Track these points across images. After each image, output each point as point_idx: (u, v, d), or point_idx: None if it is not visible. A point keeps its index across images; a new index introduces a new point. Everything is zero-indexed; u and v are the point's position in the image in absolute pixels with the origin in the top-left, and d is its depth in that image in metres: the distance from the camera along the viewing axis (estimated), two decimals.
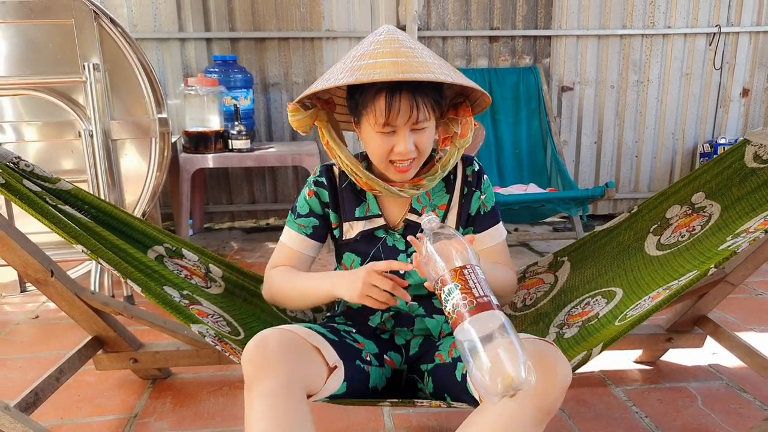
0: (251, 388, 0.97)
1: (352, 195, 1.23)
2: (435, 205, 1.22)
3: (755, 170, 1.37)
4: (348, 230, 1.23)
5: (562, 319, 1.40)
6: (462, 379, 1.14)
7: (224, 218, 3.56)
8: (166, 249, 1.45)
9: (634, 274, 1.38)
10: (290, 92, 3.39)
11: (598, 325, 1.29)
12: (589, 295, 1.42)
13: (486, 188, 1.24)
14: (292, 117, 1.12)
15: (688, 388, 1.68)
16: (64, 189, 1.36)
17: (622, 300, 1.31)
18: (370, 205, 1.22)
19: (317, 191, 1.23)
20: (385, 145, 1.09)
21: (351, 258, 1.25)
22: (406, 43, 1.07)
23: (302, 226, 1.23)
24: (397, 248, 1.23)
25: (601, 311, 1.31)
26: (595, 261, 1.54)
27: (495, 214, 1.25)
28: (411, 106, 1.03)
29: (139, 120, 2.34)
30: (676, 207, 1.48)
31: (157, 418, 1.57)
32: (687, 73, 3.58)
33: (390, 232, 1.23)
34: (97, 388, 1.75)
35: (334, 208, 1.23)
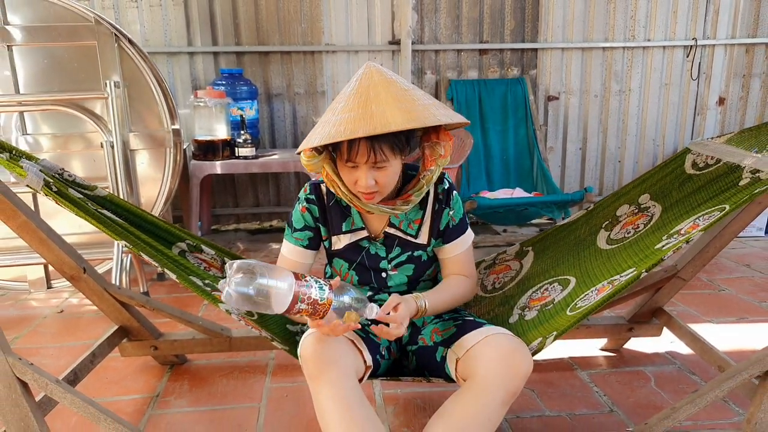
0: (318, 378, 1.20)
1: (339, 211, 1.41)
2: (410, 219, 1.40)
3: (692, 176, 1.57)
4: (336, 242, 1.43)
5: (524, 302, 1.59)
6: (441, 359, 1.36)
7: (230, 220, 3.78)
8: (188, 245, 1.67)
9: (586, 265, 1.57)
10: (292, 102, 3.61)
11: (553, 311, 1.45)
12: (547, 281, 1.61)
13: (455, 203, 1.42)
14: (307, 162, 1.26)
15: (644, 371, 1.90)
16: (101, 195, 1.58)
17: (574, 288, 1.49)
18: (355, 219, 1.41)
19: (309, 207, 1.38)
20: (350, 177, 1.24)
21: (340, 263, 1.46)
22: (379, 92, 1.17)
23: (299, 239, 1.42)
24: (379, 255, 1.43)
25: (556, 297, 1.50)
26: (555, 251, 1.73)
27: (462, 225, 1.43)
28: (368, 150, 1.17)
29: (155, 132, 2.56)
30: (626, 206, 1.69)
31: (176, 397, 1.80)
32: (666, 83, 3.79)
33: (372, 241, 1.42)
34: (122, 372, 1.97)
35: (323, 223, 1.42)
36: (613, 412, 1.67)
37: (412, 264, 1.44)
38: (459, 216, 1.43)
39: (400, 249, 1.43)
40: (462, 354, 1.29)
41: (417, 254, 1.43)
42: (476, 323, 1.37)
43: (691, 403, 1.35)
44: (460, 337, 1.33)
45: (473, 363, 1.25)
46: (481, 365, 1.23)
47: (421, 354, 1.43)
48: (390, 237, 1.42)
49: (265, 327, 1.48)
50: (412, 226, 1.42)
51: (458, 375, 1.30)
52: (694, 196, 1.53)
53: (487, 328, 1.33)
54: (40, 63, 2.49)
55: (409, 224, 1.42)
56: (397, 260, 1.44)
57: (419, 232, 1.42)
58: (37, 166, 1.43)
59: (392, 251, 1.43)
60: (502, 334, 1.29)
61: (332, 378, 1.20)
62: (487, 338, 1.28)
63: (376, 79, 1.20)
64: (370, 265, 1.44)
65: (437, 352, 1.38)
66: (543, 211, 3.01)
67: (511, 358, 1.23)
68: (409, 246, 1.42)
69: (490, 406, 1.20)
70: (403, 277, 1.45)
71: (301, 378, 1.87)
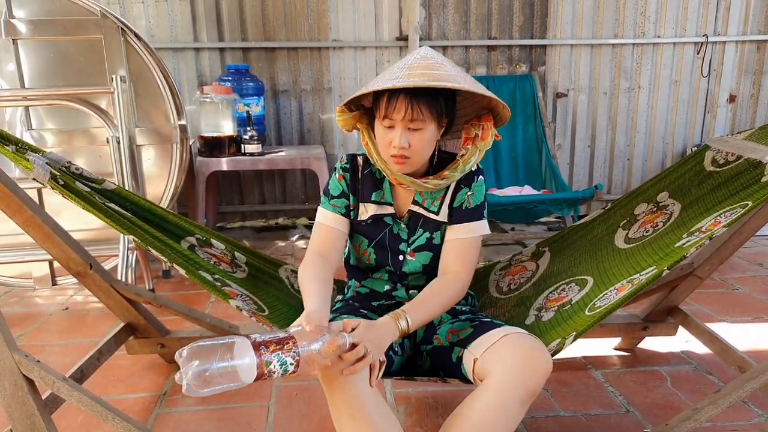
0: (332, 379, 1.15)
1: (371, 181, 1.42)
2: (434, 197, 1.39)
3: (712, 173, 1.54)
4: (362, 212, 1.42)
5: (541, 303, 1.56)
6: (457, 360, 1.33)
7: (236, 218, 3.75)
8: (197, 239, 1.64)
9: (604, 264, 1.54)
10: (298, 99, 3.58)
11: (571, 312, 1.43)
12: (564, 282, 1.58)
13: (476, 187, 1.40)
14: (339, 117, 1.33)
15: (660, 371, 1.87)
16: (109, 189, 1.55)
17: (592, 288, 1.47)
18: (385, 193, 1.41)
19: (344, 175, 1.42)
20: (385, 138, 1.27)
21: (360, 239, 1.44)
22: (434, 59, 1.26)
23: (336, 206, 1.41)
24: (400, 236, 1.41)
25: (574, 297, 1.48)
26: (571, 251, 1.71)
27: (476, 212, 1.40)
28: (406, 106, 1.21)
29: (161, 127, 2.54)
30: (644, 204, 1.66)
31: (184, 396, 1.76)
32: (676, 80, 3.75)
33: (396, 221, 1.41)
34: (129, 370, 1.94)
35: (353, 192, 1.42)
36: (629, 413, 1.63)
37: (430, 252, 1.42)
38: (476, 202, 1.40)
39: (422, 230, 1.41)
40: (479, 354, 1.25)
41: (436, 242, 1.41)
42: (494, 324, 1.34)
43: (713, 404, 1.31)
44: (477, 338, 1.30)
45: (491, 362, 1.22)
46: (499, 364, 1.20)
47: (435, 354, 1.40)
48: (414, 217, 1.41)
49: (276, 323, 1.45)
50: (435, 203, 1.41)
51: (475, 376, 1.27)
52: (715, 193, 1.50)
53: (504, 328, 1.30)
54: (45, 57, 2.46)
55: (432, 202, 1.41)
56: (416, 244, 1.42)
57: (440, 209, 1.40)
58: (43, 159, 1.40)
59: (414, 234, 1.41)
60: (520, 333, 1.27)
61: (347, 379, 1.16)
62: (505, 338, 1.25)
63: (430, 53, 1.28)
64: (389, 244, 1.42)
65: (453, 352, 1.35)
66: (552, 208, 2.97)
67: (529, 357, 1.20)
68: (430, 225, 1.41)
69: (508, 405, 1.17)
70: (419, 264, 1.42)
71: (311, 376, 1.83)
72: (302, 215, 3.79)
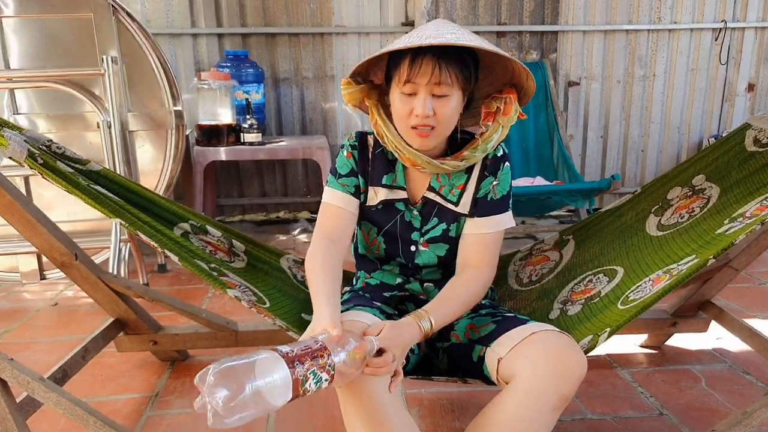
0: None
1: (383, 162, 1.27)
2: (453, 184, 1.25)
3: (754, 154, 1.41)
4: (372, 196, 1.28)
5: (565, 296, 1.45)
6: (478, 359, 1.20)
7: (235, 211, 3.61)
8: (191, 226, 1.51)
9: (635, 253, 1.42)
10: (300, 87, 3.44)
11: (601, 305, 1.32)
12: (591, 272, 1.46)
13: (502, 175, 1.25)
14: (344, 90, 1.20)
15: (692, 370, 1.73)
16: (94, 170, 1.42)
17: (622, 279, 1.35)
18: (398, 176, 1.27)
19: (353, 153, 1.28)
20: (406, 107, 1.12)
21: (368, 227, 1.31)
22: (455, 25, 1.15)
23: (345, 185, 1.27)
24: (413, 225, 1.28)
25: (602, 289, 1.36)
26: (598, 240, 1.58)
27: (501, 204, 1.26)
28: (433, 67, 1.08)
29: (156, 112, 2.40)
30: (677, 188, 1.52)
31: (177, 396, 1.63)
32: (693, 68, 3.61)
33: (409, 207, 1.28)
34: (119, 368, 1.81)
35: (363, 173, 1.28)
36: (663, 415, 1.50)
37: (445, 244, 1.29)
38: (502, 192, 1.26)
39: (437, 220, 1.28)
40: (504, 353, 1.12)
41: (453, 234, 1.28)
42: (518, 319, 1.21)
43: (767, 407, 1.17)
44: (501, 335, 1.16)
45: (518, 363, 1.08)
46: (528, 365, 1.06)
47: (453, 352, 1.27)
48: (428, 204, 1.27)
49: (278, 315, 1.33)
50: (453, 192, 1.26)
51: (499, 377, 1.13)
52: (758, 175, 1.37)
53: (531, 324, 1.17)
54: (32, 37, 2.32)
55: (450, 190, 1.26)
56: (430, 234, 1.28)
57: (460, 199, 1.26)
58: (21, 137, 1.27)
59: (428, 222, 1.28)
60: (550, 330, 1.13)
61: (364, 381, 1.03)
62: (534, 336, 1.11)
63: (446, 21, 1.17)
64: (400, 233, 1.28)
65: (473, 351, 1.21)
66: (567, 200, 2.83)
67: (562, 356, 1.06)
68: (447, 216, 1.27)
69: (539, 412, 1.04)
70: (433, 256, 1.29)
71: None
72: (304, 209, 3.65)
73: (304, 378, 0.84)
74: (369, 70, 1.24)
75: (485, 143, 1.20)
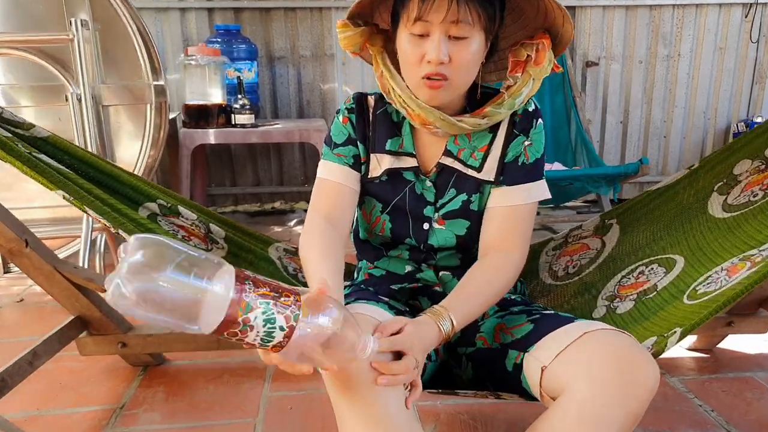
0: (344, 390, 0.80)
1: (387, 124, 1.05)
2: (475, 147, 1.02)
3: None
4: (375, 166, 1.05)
5: (612, 291, 1.24)
6: (513, 369, 0.95)
7: (227, 201, 3.36)
8: (160, 206, 1.26)
9: (697, 239, 1.20)
10: (297, 66, 3.18)
11: (660, 301, 1.12)
12: (642, 263, 1.24)
13: (535, 135, 1.02)
14: (341, 34, 0.99)
15: (754, 378, 1.47)
16: (40, 136, 1.17)
17: (684, 270, 1.14)
18: (405, 141, 1.04)
19: (350, 118, 1.06)
20: (416, 52, 0.91)
21: (372, 204, 1.08)
22: None
23: (342, 156, 1.05)
24: (425, 198, 1.04)
25: (659, 282, 1.15)
26: (648, 224, 1.34)
27: (535, 170, 1.02)
28: (449, 2, 0.86)
29: (133, 84, 2.14)
30: (746, 162, 1.27)
31: (147, 409, 1.38)
32: (721, 47, 3.35)
33: (420, 177, 1.04)
34: (82, 375, 1.55)
35: (363, 140, 1.05)
36: None
37: (466, 220, 1.04)
38: (535, 155, 1.03)
39: (455, 190, 1.04)
40: (549, 360, 0.87)
41: (475, 207, 1.03)
42: (562, 317, 0.96)
43: None
44: (543, 337, 0.92)
45: (569, 372, 0.84)
46: (583, 375, 0.82)
47: (479, 360, 1.02)
48: (444, 172, 1.04)
49: None
50: (475, 155, 1.02)
51: (544, 391, 0.89)
52: None
53: (581, 322, 0.92)
54: None
55: (472, 153, 1.03)
56: (447, 208, 1.04)
57: (484, 163, 1.02)
58: None
59: (444, 195, 1.04)
60: (608, 329, 0.88)
61: (363, 391, 0.79)
62: (587, 336, 0.86)
63: None
64: (410, 208, 1.05)
65: (506, 357, 0.97)
66: (589, 186, 2.57)
67: (628, 363, 0.82)
68: (468, 185, 1.03)
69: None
70: (451, 235, 1.05)
71: (310, 385, 1.45)
72: (301, 199, 3.39)
73: (249, 305, 0.62)
74: (373, 10, 1.02)
75: (513, 98, 0.97)
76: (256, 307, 0.62)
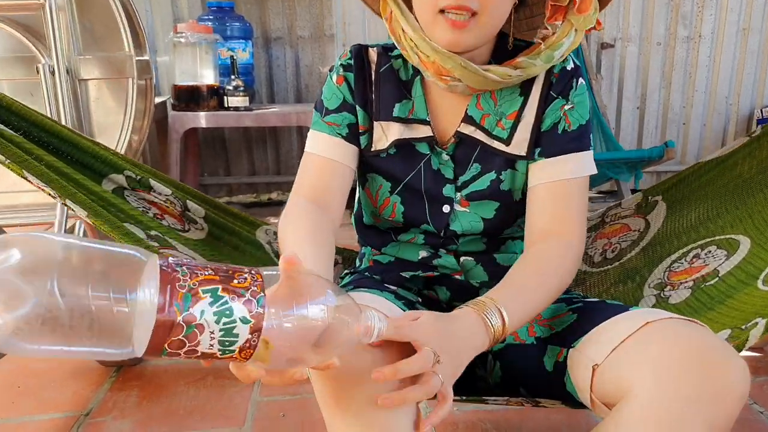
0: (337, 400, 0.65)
1: (393, 84, 0.85)
2: (502, 113, 0.83)
3: None
4: (380, 137, 0.86)
5: (660, 278, 1.07)
6: (554, 368, 0.77)
7: (221, 192, 3.17)
8: (128, 178, 1.07)
9: (764, 216, 1.03)
10: (295, 48, 3.00)
11: (726, 288, 0.95)
12: (696, 245, 1.09)
13: (577, 97, 0.83)
14: None
15: None
16: None
17: (752, 251, 0.98)
18: (416, 104, 0.85)
19: (347, 76, 0.86)
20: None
21: (377, 183, 0.89)
22: None
23: (334, 125, 0.86)
24: (443, 174, 0.86)
25: (720, 267, 1.00)
26: (702, 201, 1.17)
27: (580, 137, 0.83)
28: None
29: (113, 56, 1.95)
30: None
31: (116, 416, 1.19)
32: (744, 27, 3.17)
33: (436, 149, 0.85)
34: (44, 378, 1.36)
35: (363, 104, 0.86)
36: None
37: (495, 201, 0.86)
38: (580, 121, 0.83)
39: (479, 166, 0.85)
40: (603, 357, 0.69)
41: (506, 186, 0.85)
42: (613, 306, 0.78)
43: None
44: (592, 328, 0.74)
45: (630, 372, 0.65)
46: (649, 376, 0.63)
47: (511, 358, 0.84)
48: (465, 143, 0.85)
49: None
50: (503, 123, 0.83)
51: (595, 396, 0.70)
52: None
53: (639, 310, 0.74)
54: None
55: (498, 120, 0.83)
56: (471, 188, 0.86)
57: (513, 134, 0.83)
58: None
59: (465, 171, 0.86)
60: (677, 319, 0.70)
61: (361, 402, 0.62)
62: (652, 326, 0.68)
63: None
64: (426, 188, 0.86)
65: (545, 354, 0.79)
66: (610, 172, 2.40)
67: (709, 361, 0.63)
68: (495, 160, 0.84)
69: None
70: (477, 219, 0.86)
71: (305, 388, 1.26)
72: None
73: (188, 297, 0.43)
74: None
75: (551, 50, 0.79)
76: (199, 297, 0.43)
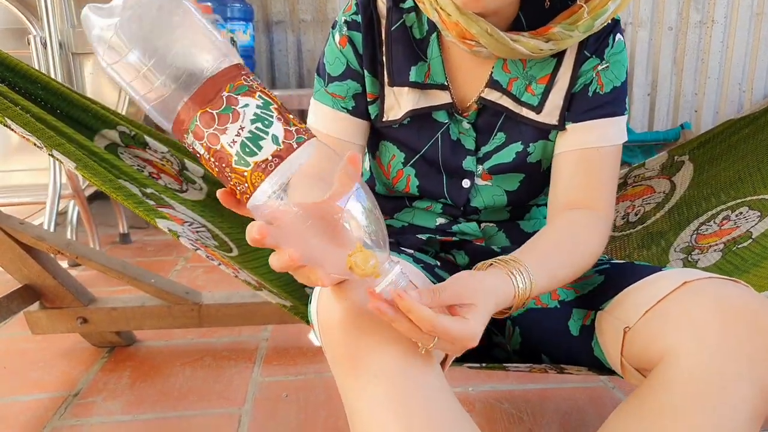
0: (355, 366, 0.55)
1: (406, 45, 0.75)
2: (532, 77, 0.73)
3: None
4: (392, 105, 0.76)
5: (687, 241, 1.01)
6: (581, 333, 0.70)
7: None
8: (122, 134, 1.00)
9: None
10: (296, 32, 2.92)
11: (761, 250, 0.89)
12: (727, 206, 1.02)
13: (613, 56, 0.73)
14: None
15: None
16: None
17: None
18: (433, 67, 0.75)
19: (351, 36, 0.75)
20: None
21: (390, 152, 0.79)
22: None
23: (338, 97, 0.76)
24: (463, 144, 0.77)
25: (754, 228, 0.94)
26: (731, 161, 1.09)
27: (614, 102, 0.73)
28: None
29: None
30: None
31: (106, 397, 1.11)
32: (758, 12, 3.08)
33: (456, 117, 0.76)
34: (35, 357, 1.29)
35: (372, 67, 0.75)
36: None
37: (520, 173, 0.78)
38: (614, 83, 0.74)
39: (504, 136, 0.76)
40: (636, 319, 0.62)
41: (534, 159, 0.77)
42: (643, 267, 0.70)
43: None
44: (622, 290, 0.67)
45: (667, 334, 0.58)
46: (689, 337, 0.57)
47: (532, 323, 0.77)
48: (488, 111, 0.75)
49: (250, 269, 0.83)
50: (532, 89, 0.73)
51: (625, 360, 0.64)
52: None
53: (675, 270, 0.66)
54: None
55: (527, 85, 0.74)
56: (494, 161, 0.77)
57: (545, 100, 0.73)
58: None
59: (488, 141, 0.77)
60: (717, 278, 0.62)
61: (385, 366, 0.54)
62: (689, 286, 0.60)
63: None
64: (444, 160, 0.77)
65: (570, 318, 0.72)
66: (624, 155, 2.31)
67: (754, 319, 0.56)
68: (524, 131, 0.76)
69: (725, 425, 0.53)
70: (500, 192, 0.78)
71: (309, 368, 1.18)
72: None
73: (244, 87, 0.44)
74: None
75: (594, 16, 0.67)
76: (253, 95, 0.44)
